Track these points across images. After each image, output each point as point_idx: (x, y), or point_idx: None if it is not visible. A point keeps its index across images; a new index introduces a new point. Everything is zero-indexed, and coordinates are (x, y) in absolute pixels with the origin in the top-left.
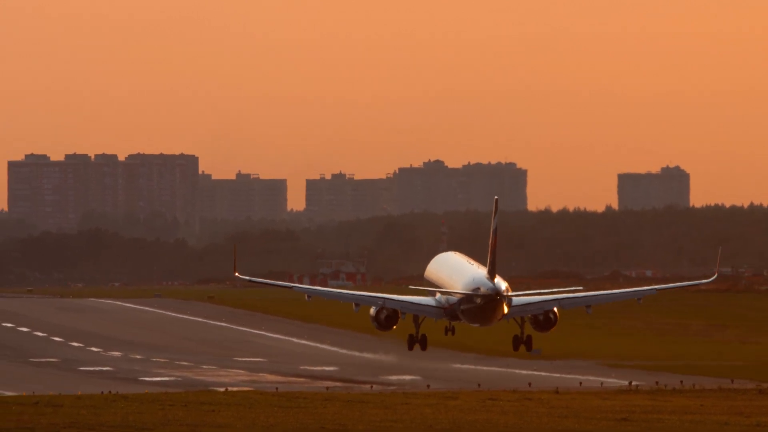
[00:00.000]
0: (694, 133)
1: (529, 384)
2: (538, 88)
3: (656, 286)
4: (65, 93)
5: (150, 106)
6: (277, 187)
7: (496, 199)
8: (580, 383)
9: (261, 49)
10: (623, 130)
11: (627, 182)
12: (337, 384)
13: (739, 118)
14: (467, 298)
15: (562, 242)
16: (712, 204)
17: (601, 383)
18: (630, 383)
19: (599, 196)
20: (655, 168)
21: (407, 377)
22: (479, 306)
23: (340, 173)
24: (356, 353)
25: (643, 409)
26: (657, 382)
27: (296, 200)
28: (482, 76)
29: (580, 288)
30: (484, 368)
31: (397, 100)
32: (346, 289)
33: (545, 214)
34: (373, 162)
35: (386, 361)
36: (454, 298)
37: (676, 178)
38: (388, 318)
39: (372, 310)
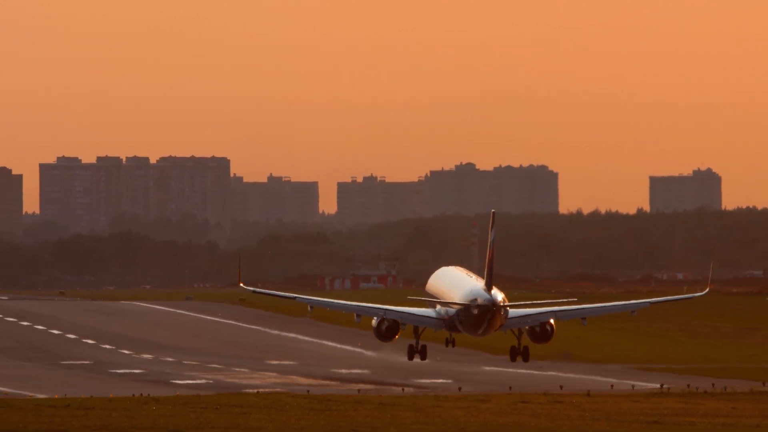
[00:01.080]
0: (725, 135)
1: (561, 387)
2: (570, 91)
3: (650, 300)
4: (97, 96)
5: (182, 108)
6: (309, 190)
7: (493, 213)
8: (612, 386)
9: (293, 52)
10: (655, 133)
11: (658, 185)
12: (369, 387)
13: None
14: (465, 309)
15: (593, 245)
16: (744, 206)
17: (633, 386)
18: (661, 386)
19: (631, 198)
20: (686, 170)
21: (438, 380)
22: (476, 316)
23: (372, 176)
24: (388, 356)
25: (675, 412)
26: (688, 385)
27: (328, 203)
28: (514, 79)
29: (575, 300)
30: (516, 371)
31: (428, 102)
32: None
33: (576, 217)
34: (404, 165)
35: (417, 363)
36: (453, 310)
37: (707, 181)
38: (389, 329)
39: (374, 321)
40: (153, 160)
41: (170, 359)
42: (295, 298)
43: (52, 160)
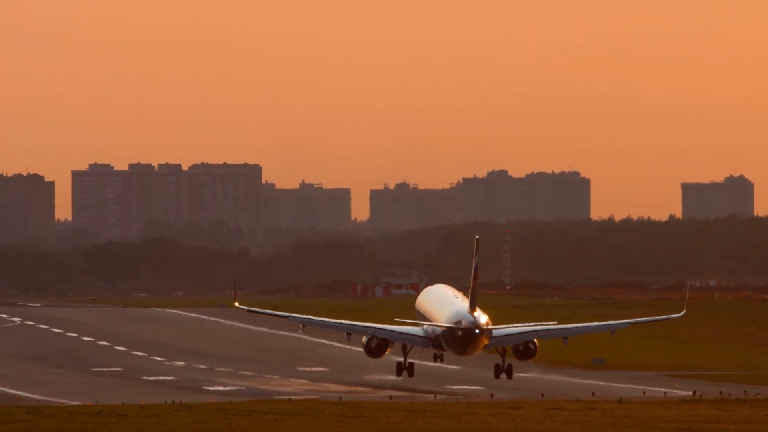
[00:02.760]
0: (758, 142)
1: (593, 394)
2: (602, 97)
3: (630, 320)
4: (129, 103)
5: (214, 115)
6: (341, 197)
7: (477, 239)
8: (644, 393)
9: (324, 58)
10: (687, 140)
11: (690, 191)
12: (401, 393)
13: None
14: (450, 330)
15: (625, 251)
16: None
17: (665, 393)
18: (694, 393)
19: (663, 205)
20: (718, 177)
21: (471, 387)
22: (460, 337)
23: (404, 183)
24: (420, 363)
25: (707, 419)
26: (721, 392)
27: (360, 210)
28: (545, 86)
29: (555, 321)
30: (548, 378)
31: (460, 109)
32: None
33: (608, 224)
34: (436, 171)
35: (450, 370)
36: (439, 329)
37: (739, 187)
38: (379, 346)
39: (364, 339)
40: (185, 167)
41: (202, 366)
42: (288, 316)
43: (84, 167)
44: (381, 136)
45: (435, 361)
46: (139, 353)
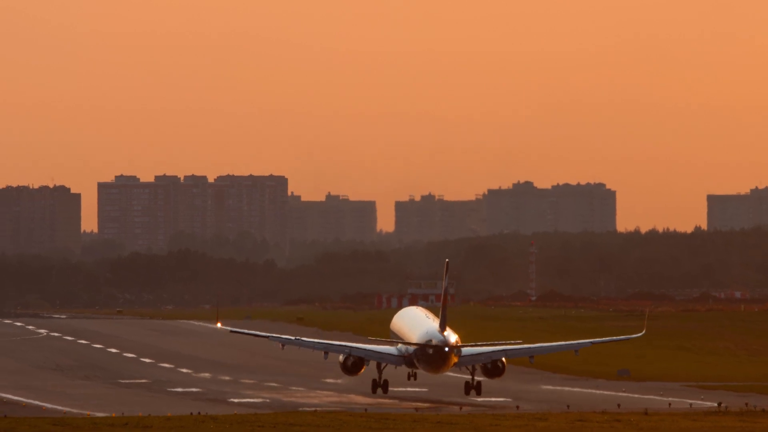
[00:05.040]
0: None
1: (618, 405)
2: (627, 109)
3: (592, 340)
4: (155, 115)
5: (239, 127)
6: (367, 209)
7: (447, 262)
8: (669, 404)
9: (350, 70)
10: (712, 151)
11: (716, 203)
12: (427, 405)
13: None
14: (421, 348)
15: (651, 263)
16: None
17: (690, 404)
18: (719, 404)
19: (688, 217)
20: (744, 189)
21: (497, 398)
22: (431, 356)
23: (430, 195)
24: (446, 374)
25: (733, 430)
26: (746, 404)
27: (385, 222)
28: (571, 97)
29: (520, 341)
30: (573, 389)
31: (486, 121)
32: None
33: (634, 235)
34: (462, 183)
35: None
36: (411, 348)
37: (765, 199)
38: (355, 364)
39: (341, 358)
40: (211, 179)
41: (228, 378)
42: (269, 337)
43: (110, 179)
44: (406, 147)
45: (409, 379)
46: (165, 365)
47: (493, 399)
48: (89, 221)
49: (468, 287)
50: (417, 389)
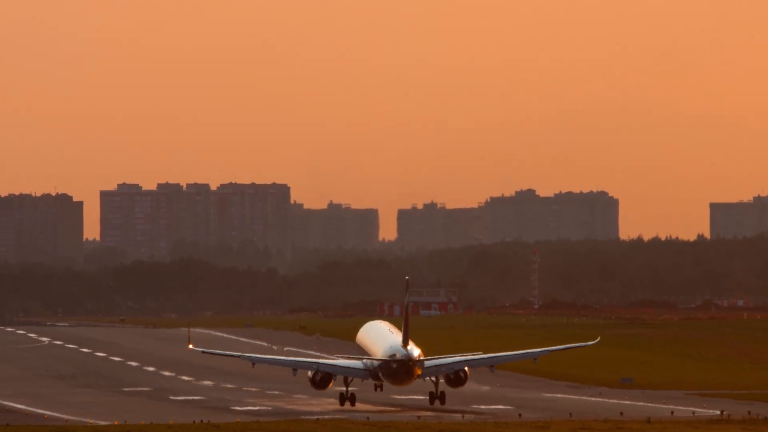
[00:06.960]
0: None
1: (621, 413)
2: (630, 118)
3: (549, 348)
4: (157, 123)
5: (242, 135)
6: (369, 217)
7: (407, 279)
8: (672, 412)
9: (352, 79)
10: (715, 159)
11: (719, 211)
12: (429, 413)
13: None
14: (385, 363)
15: (653, 271)
16: None
17: (693, 413)
18: (722, 412)
19: (691, 224)
20: (747, 197)
21: (499, 406)
22: (395, 369)
23: (432, 202)
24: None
25: None
26: (749, 412)
27: (388, 230)
28: (574, 106)
29: (480, 352)
30: (576, 397)
31: (488, 129)
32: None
33: (637, 243)
34: (464, 191)
35: (478, 390)
36: (376, 362)
37: None
38: (323, 379)
39: (309, 373)
40: (213, 187)
41: (230, 386)
42: (240, 356)
43: (112, 187)
44: (409, 155)
45: (375, 390)
46: (167, 373)
47: (495, 407)
48: (92, 229)
49: (471, 295)
50: (419, 397)
